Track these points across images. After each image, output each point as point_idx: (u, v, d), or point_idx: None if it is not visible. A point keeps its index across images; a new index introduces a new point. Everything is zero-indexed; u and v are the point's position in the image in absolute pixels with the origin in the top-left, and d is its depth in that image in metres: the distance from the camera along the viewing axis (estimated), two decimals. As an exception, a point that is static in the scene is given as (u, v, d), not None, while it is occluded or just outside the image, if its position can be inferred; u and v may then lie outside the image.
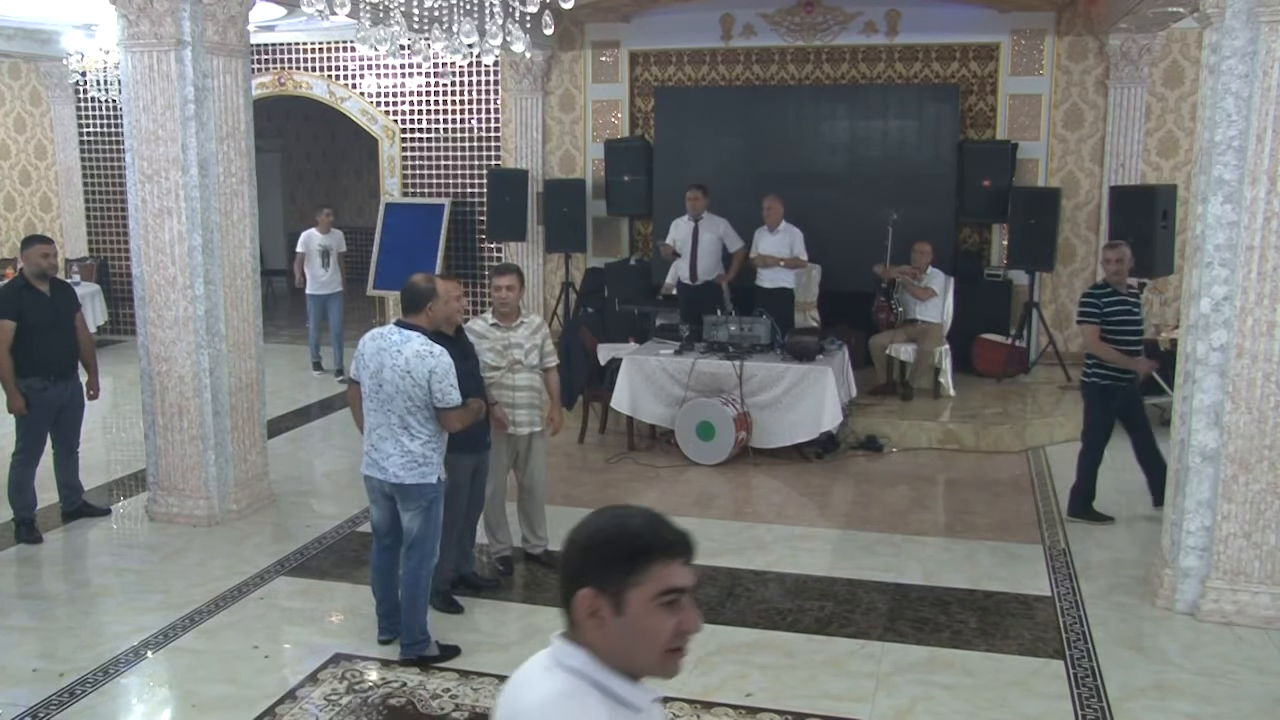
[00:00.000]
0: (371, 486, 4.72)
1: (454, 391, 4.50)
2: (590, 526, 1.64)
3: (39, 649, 4.85)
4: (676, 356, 7.91)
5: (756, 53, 10.44)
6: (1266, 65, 4.71)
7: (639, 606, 1.58)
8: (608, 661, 1.61)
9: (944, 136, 9.68)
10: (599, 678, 1.60)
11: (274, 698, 4.38)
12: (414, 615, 4.68)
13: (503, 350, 5.43)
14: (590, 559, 1.61)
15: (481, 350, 5.36)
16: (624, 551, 1.59)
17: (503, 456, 5.61)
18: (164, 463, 6.40)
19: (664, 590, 1.60)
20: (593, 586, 1.58)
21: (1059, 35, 9.78)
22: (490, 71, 11.13)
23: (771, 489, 7.28)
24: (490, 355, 5.41)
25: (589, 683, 1.60)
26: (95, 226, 12.80)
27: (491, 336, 5.44)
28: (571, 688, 1.59)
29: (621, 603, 1.58)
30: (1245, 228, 4.82)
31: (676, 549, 1.63)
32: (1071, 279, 10.06)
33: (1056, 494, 7.02)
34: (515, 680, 1.68)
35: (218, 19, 6.14)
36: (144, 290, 6.28)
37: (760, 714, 4.26)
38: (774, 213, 8.85)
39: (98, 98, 10.09)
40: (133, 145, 6.19)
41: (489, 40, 5.44)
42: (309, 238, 10.46)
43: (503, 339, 5.44)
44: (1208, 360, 5.00)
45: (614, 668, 1.61)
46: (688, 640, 1.65)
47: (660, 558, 1.60)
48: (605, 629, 1.59)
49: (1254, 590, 5.01)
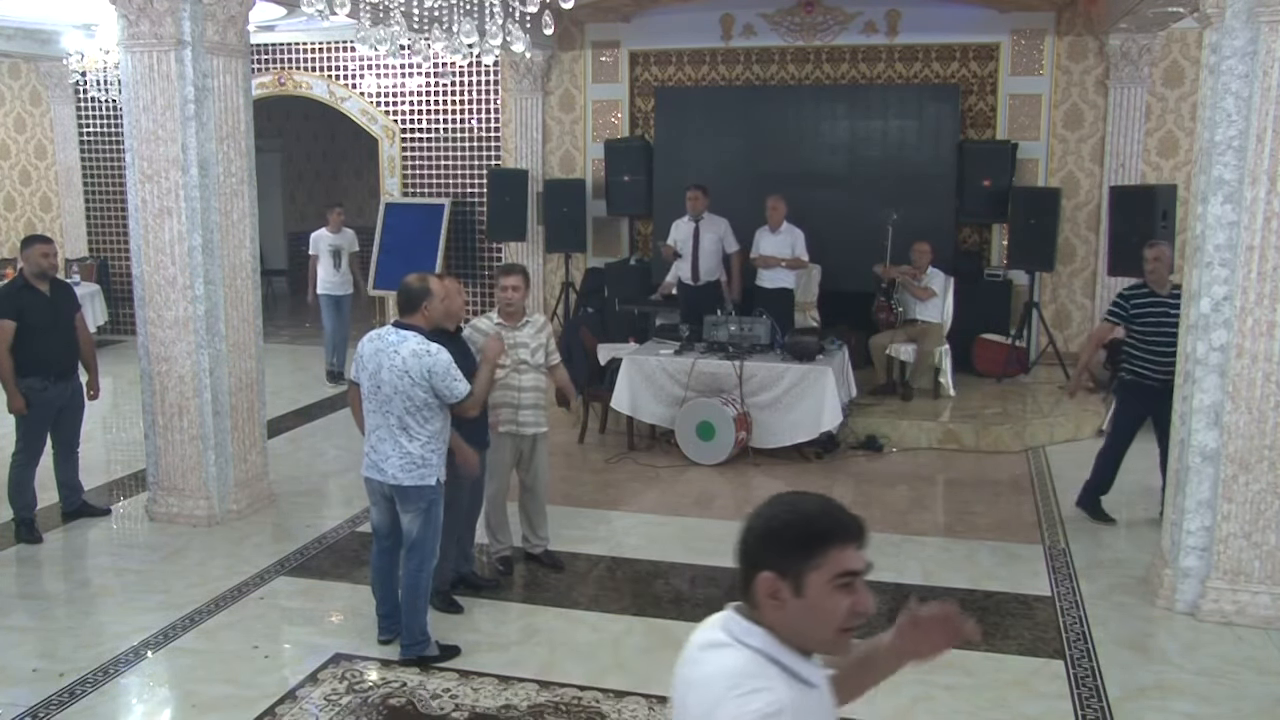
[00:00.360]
0: (372, 488, 4.72)
1: (459, 383, 4.50)
2: (768, 513, 1.73)
3: (39, 649, 4.85)
4: (676, 356, 7.91)
5: (756, 53, 10.44)
6: (1266, 65, 4.71)
7: (817, 588, 1.67)
8: (784, 639, 1.70)
9: (944, 136, 9.68)
10: (777, 655, 1.69)
11: (274, 698, 4.38)
12: (414, 616, 4.68)
13: (508, 350, 5.43)
14: (771, 544, 1.69)
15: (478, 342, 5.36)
16: (803, 536, 1.68)
17: (506, 457, 5.61)
18: (164, 463, 6.40)
19: (841, 573, 1.68)
20: (774, 570, 1.67)
21: (1059, 35, 9.78)
22: (490, 71, 11.13)
23: (771, 489, 7.18)
24: None
25: (766, 659, 1.68)
26: (95, 226, 12.80)
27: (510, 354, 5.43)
28: (752, 663, 1.68)
29: (801, 585, 1.67)
30: (1245, 228, 4.82)
31: (852, 533, 1.71)
32: (1071, 279, 10.06)
33: (1056, 494, 7.02)
34: (690, 655, 1.77)
35: (218, 19, 6.14)
36: (144, 290, 6.28)
37: (760, 714, 4.25)
38: (777, 213, 8.85)
39: (98, 98, 10.08)
40: (133, 145, 6.19)
41: (489, 40, 5.44)
42: (319, 238, 10.11)
43: (508, 339, 5.43)
44: (1208, 360, 5.00)
45: (790, 645, 1.70)
46: (861, 621, 1.72)
47: (837, 542, 1.68)
48: (785, 610, 1.68)
49: (1254, 590, 5.01)
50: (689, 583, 5.62)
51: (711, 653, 1.73)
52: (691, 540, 6.20)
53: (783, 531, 1.70)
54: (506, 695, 4.41)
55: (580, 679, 4.53)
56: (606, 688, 4.45)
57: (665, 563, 5.86)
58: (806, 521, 1.69)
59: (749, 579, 1.71)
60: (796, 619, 1.69)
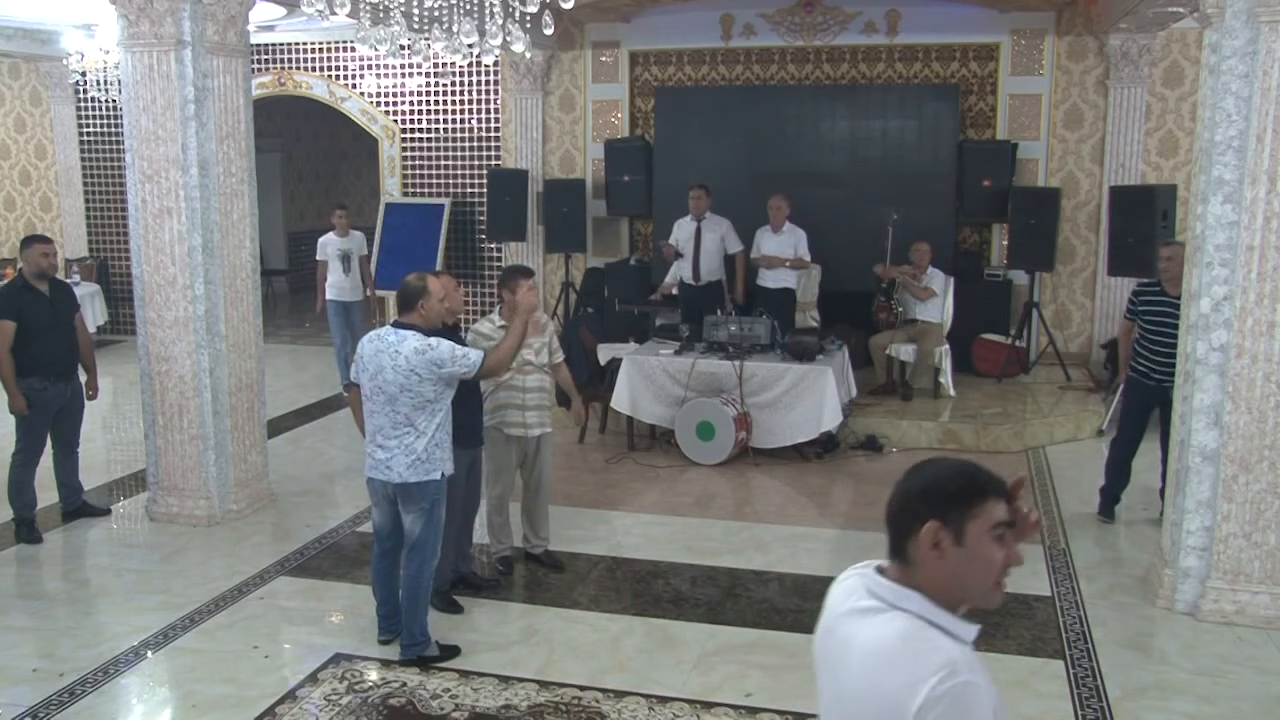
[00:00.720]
0: (374, 489, 4.72)
1: (470, 355, 4.52)
2: (927, 472, 1.83)
3: (39, 649, 4.85)
4: (676, 356, 7.91)
5: (756, 53, 10.44)
6: (1266, 65, 4.71)
7: (976, 537, 1.76)
8: (938, 597, 1.78)
9: (944, 136, 9.68)
10: (934, 617, 1.76)
11: (274, 698, 4.38)
12: (415, 616, 4.68)
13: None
14: (934, 497, 1.79)
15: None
16: (965, 488, 1.78)
17: (511, 458, 5.61)
18: (164, 463, 6.40)
19: (997, 523, 1.78)
20: (938, 518, 1.76)
21: (1059, 35, 9.78)
22: (490, 71, 11.13)
23: (771, 489, 7.28)
24: None
25: (925, 622, 1.75)
26: (95, 226, 12.80)
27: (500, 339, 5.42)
28: (913, 627, 1.75)
29: (962, 534, 1.76)
30: (1245, 228, 4.82)
31: (1002, 489, 1.82)
32: (1071, 279, 10.06)
33: (1056, 494, 7.02)
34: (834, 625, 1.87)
35: (218, 19, 6.14)
36: (144, 290, 6.28)
37: (760, 714, 4.26)
38: (780, 213, 8.86)
39: (98, 98, 10.09)
40: (133, 145, 6.19)
41: (489, 40, 5.43)
42: (326, 243, 9.74)
43: None
44: (1208, 360, 5.00)
45: (942, 602, 1.77)
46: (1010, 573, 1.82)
47: (993, 494, 1.79)
48: (945, 559, 1.76)
49: (1254, 590, 5.01)
50: (689, 583, 5.62)
51: (865, 620, 1.80)
52: (691, 540, 6.20)
53: (946, 484, 1.79)
54: (506, 695, 4.41)
55: (580, 679, 4.53)
56: (606, 688, 4.45)
57: (665, 563, 5.86)
58: (967, 475, 1.79)
59: (906, 534, 1.80)
60: (957, 569, 1.77)
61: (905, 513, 1.81)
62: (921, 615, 1.76)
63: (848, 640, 1.82)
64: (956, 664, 1.70)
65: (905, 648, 1.73)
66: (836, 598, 1.90)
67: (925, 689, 1.67)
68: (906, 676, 1.70)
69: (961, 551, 1.76)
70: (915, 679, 1.68)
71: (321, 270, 9.77)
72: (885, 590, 1.81)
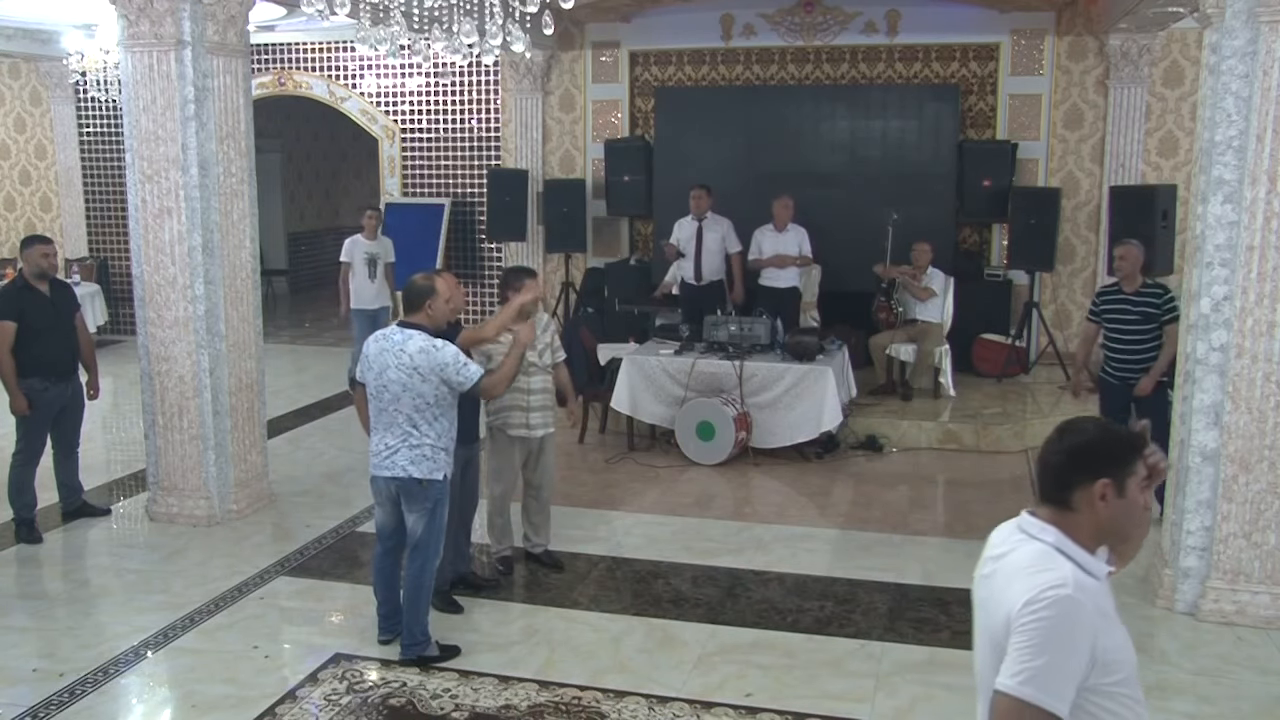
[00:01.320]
0: (378, 489, 4.72)
1: (470, 367, 4.53)
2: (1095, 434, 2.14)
3: (39, 649, 4.85)
4: (676, 356, 7.91)
5: (756, 53, 10.44)
6: (1266, 65, 4.71)
7: (1133, 488, 2.12)
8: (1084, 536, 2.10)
9: (944, 136, 9.68)
10: (1068, 550, 2.08)
11: (274, 698, 4.38)
12: (416, 616, 4.68)
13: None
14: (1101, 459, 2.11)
15: (495, 354, 5.36)
16: (1127, 449, 2.13)
17: (515, 458, 5.61)
18: (164, 463, 6.40)
19: (1144, 476, 2.15)
20: (1109, 476, 2.09)
21: (1059, 35, 9.78)
22: (490, 71, 11.13)
23: (771, 489, 7.28)
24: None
25: (1056, 551, 2.08)
26: (95, 226, 12.80)
27: (504, 340, 5.41)
28: (1044, 552, 2.08)
29: (1124, 487, 2.10)
30: (1245, 228, 4.82)
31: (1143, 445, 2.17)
32: (1071, 279, 10.06)
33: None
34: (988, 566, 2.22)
35: (218, 19, 6.14)
36: (144, 290, 6.28)
37: (760, 714, 4.26)
38: (787, 211, 8.87)
39: (98, 98, 10.08)
40: (133, 145, 6.19)
41: (489, 40, 5.43)
42: (353, 245, 9.29)
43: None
44: (1208, 360, 5.00)
45: (1085, 541, 2.10)
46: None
47: (1140, 452, 2.15)
48: (1109, 508, 2.09)
49: (1254, 590, 5.01)
50: (689, 583, 5.62)
51: (1010, 551, 2.15)
52: (691, 540, 6.20)
53: (1113, 448, 2.12)
54: (506, 695, 4.41)
55: (580, 679, 4.53)
56: (606, 688, 4.45)
57: (665, 563, 5.86)
58: (1126, 440, 2.14)
59: (1070, 486, 2.11)
60: (1117, 515, 2.10)
61: (1071, 469, 2.12)
62: (1055, 546, 2.08)
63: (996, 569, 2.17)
64: (1068, 581, 2.00)
65: (1031, 564, 2.06)
66: (993, 540, 2.25)
67: (1031, 594, 1.98)
68: (1023, 585, 2.02)
69: (1122, 501, 2.10)
70: (1029, 587, 2.00)
71: (344, 273, 9.33)
72: (1029, 525, 2.15)
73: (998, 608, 2.08)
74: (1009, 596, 2.04)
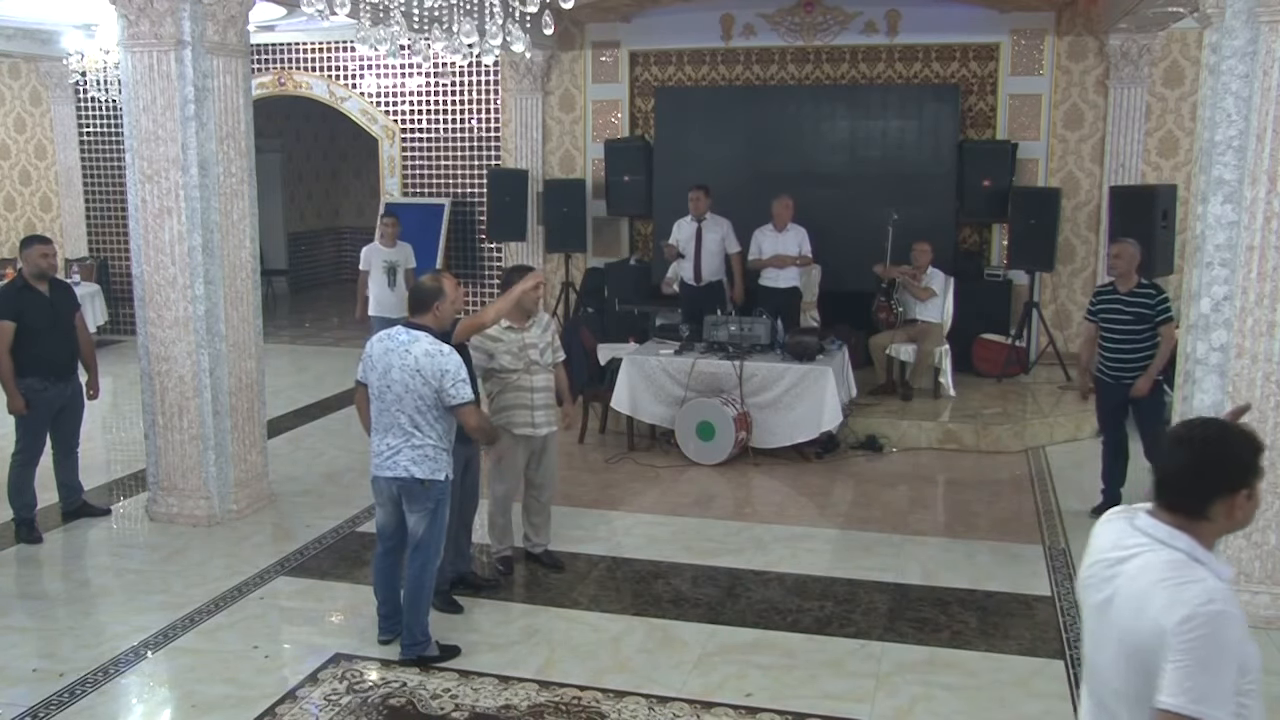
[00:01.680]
0: (379, 489, 4.72)
1: (465, 388, 4.53)
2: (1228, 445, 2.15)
3: (39, 649, 4.85)
4: (676, 356, 7.91)
5: (756, 53, 10.44)
6: (1266, 65, 4.71)
7: (1257, 490, 2.17)
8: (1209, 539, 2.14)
9: (944, 136, 9.67)
10: (1201, 556, 2.10)
11: (274, 698, 4.38)
12: (416, 616, 4.68)
13: (519, 352, 5.43)
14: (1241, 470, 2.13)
15: (498, 353, 5.36)
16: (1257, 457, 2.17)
17: (518, 460, 5.60)
18: (164, 463, 6.40)
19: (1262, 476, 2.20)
20: (1247, 487, 2.13)
21: (1059, 35, 9.78)
22: (490, 71, 11.13)
23: (771, 489, 7.28)
24: (507, 358, 5.41)
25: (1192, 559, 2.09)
26: (95, 226, 12.79)
27: (507, 339, 5.43)
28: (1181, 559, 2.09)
29: (1254, 491, 2.15)
30: (1245, 228, 4.82)
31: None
32: (1071, 279, 10.06)
33: (1056, 494, 7.03)
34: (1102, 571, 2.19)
35: (218, 19, 6.14)
36: (144, 290, 6.28)
37: (760, 714, 4.26)
38: (788, 211, 8.87)
39: (98, 98, 10.08)
40: (133, 145, 6.19)
41: (489, 40, 5.43)
42: (371, 252, 9.11)
43: (518, 340, 5.43)
44: (1208, 360, 5.00)
45: (1209, 544, 2.13)
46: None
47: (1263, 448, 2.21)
48: (1244, 513, 2.15)
49: (1254, 590, 5.00)
50: (689, 583, 5.62)
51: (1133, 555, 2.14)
52: (691, 540, 6.20)
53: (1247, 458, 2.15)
54: (506, 695, 4.41)
55: (580, 679, 4.54)
56: (606, 688, 4.45)
57: (665, 563, 5.86)
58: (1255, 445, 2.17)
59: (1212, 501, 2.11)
60: (1244, 515, 2.16)
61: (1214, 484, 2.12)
62: (1190, 554, 2.09)
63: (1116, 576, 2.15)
64: (1216, 594, 2.02)
65: (1172, 575, 2.05)
66: (1104, 542, 2.24)
67: (1185, 610, 1.98)
68: (1169, 600, 2.01)
69: (1251, 504, 2.15)
70: (1177, 602, 2.00)
71: (361, 279, 9.20)
72: (1157, 530, 2.14)
73: (1135, 617, 2.07)
74: (1152, 608, 2.04)
